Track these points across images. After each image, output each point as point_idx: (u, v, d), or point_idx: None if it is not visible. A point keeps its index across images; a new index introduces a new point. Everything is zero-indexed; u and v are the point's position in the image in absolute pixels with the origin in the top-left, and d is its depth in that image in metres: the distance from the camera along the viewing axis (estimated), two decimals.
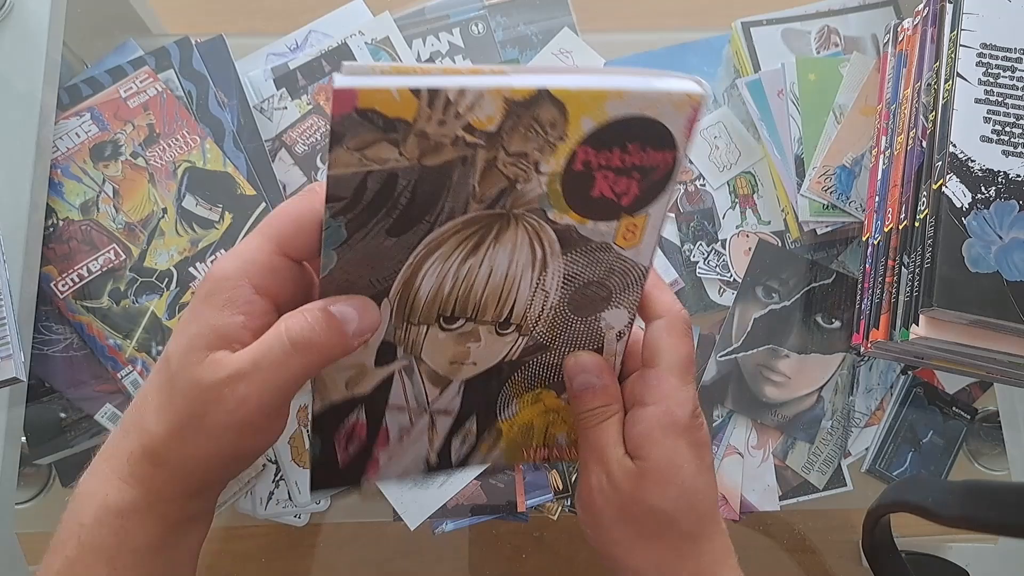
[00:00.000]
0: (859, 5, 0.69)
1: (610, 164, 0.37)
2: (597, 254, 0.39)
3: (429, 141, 0.34)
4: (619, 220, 0.38)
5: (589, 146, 0.36)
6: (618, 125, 0.36)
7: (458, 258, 0.38)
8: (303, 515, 0.60)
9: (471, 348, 0.41)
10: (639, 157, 0.37)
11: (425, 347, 0.40)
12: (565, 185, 0.37)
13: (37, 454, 0.60)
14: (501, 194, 0.36)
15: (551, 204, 0.37)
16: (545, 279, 0.39)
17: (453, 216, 0.37)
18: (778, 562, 0.64)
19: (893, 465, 0.63)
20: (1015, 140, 0.51)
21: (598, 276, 0.40)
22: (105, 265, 0.59)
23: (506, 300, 0.40)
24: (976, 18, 0.53)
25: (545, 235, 0.38)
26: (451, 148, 0.35)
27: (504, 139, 0.35)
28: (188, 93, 0.63)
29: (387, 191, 0.35)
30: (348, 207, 0.34)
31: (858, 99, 0.65)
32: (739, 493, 0.61)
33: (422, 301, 0.38)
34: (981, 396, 0.64)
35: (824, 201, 0.63)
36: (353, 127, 0.32)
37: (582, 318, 0.41)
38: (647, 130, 0.36)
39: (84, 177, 0.61)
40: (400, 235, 0.36)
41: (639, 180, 0.37)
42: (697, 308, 0.64)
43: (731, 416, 0.63)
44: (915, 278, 0.51)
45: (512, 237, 0.38)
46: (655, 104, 0.36)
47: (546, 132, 0.36)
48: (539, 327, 0.40)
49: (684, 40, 0.69)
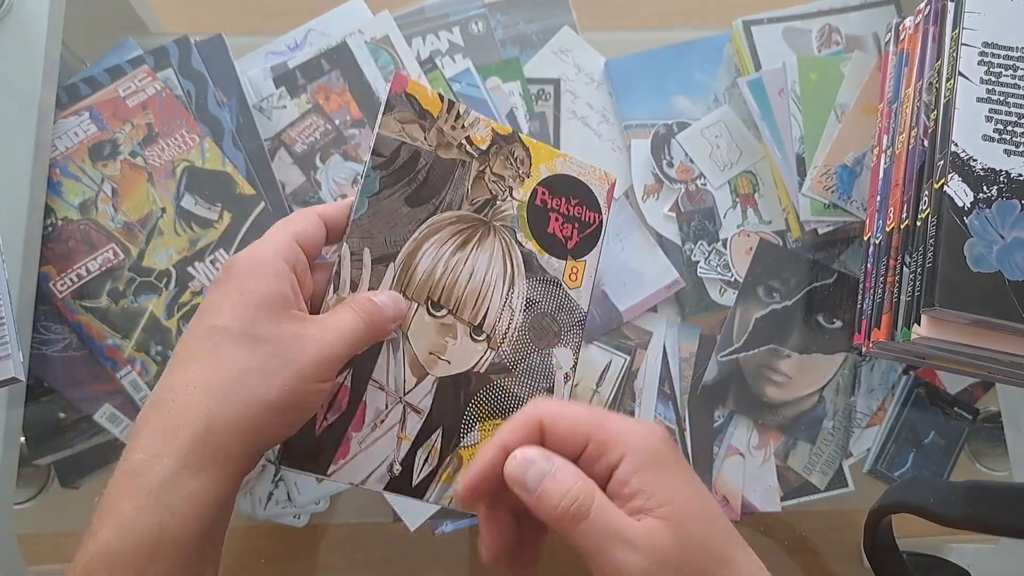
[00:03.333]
0: (860, 4, 0.69)
1: (559, 208, 0.50)
2: (551, 287, 0.49)
3: (444, 137, 0.47)
4: (566, 261, 0.50)
5: (546, 188, 0.50)
6: (564, 179, 0.51)
7: (450, 248, 0.47)
8: (303, 516, 0.60)
9: (448, 344, 0.46)
10: (578, 211, 0.51)
11: (413, 327, 0.46)
12: (529, 214, 0.49)
13: (36, 454, 0.59)
14: (485, 203, 0.48)
15: (519, 227, 0.49)
16: (512, 297, 0.48)
17: (451, 207, 0.47)
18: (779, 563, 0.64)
19: (895, 465, 0.62)
20: (1017, 139, 0.50)
21: (551, 309, 0.49)
22: (104, 265, 0.59)
23: (482, 303, 0.47)
24: (978, 17, 0.53)
25: (515, 254, 0.49)
26: (456, 150, 0.48)
27: (490, 159, 0.49)
28: (187, 92, 0.63)
29: (412, 163, 0.46)
30: (385, 164, 0.45)
31: (859, 98, 0.64)
32: (740, 494, 0.61)
33: (418, 278, 0.46)
34: (983, 396, 0.64)
35: (825, 200, 0.63)
36: (400, 103, 0.46)
37: (539, 349, 0.48)
38: (583, 191, 0.51)
39: (83, 176, 0.61)
40: (414, 206, 0.46)
41: (579, 230, 0.51)
42: (698, 308, 0.64)
43: (732, 416, 0.62)
44: (917, 278, 0.51)
45: (491, 245, 0.48)
46: (587, 173, 0.52)
47: (518, 166, 0.49)
48: (505, 345, 0.47)
49: (685, 39, 0.69)
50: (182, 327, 0.58)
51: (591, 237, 0.51)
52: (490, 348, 0.47)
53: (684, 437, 0.62)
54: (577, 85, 0.68)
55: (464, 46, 0.69)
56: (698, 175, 0.66)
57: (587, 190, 0.51)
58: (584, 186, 0.51)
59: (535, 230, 0.49)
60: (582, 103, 0.68)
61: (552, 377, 0.48)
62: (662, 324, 0.63)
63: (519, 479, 0.35)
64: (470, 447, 0.46)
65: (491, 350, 0.47)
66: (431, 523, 0.59)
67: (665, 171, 0.65)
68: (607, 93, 0.68)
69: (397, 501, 0.59)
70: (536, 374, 0.48)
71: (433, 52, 0.68)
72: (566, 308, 0.49)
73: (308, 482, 0.60)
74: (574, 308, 0.49)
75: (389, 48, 0.67)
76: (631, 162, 0.66)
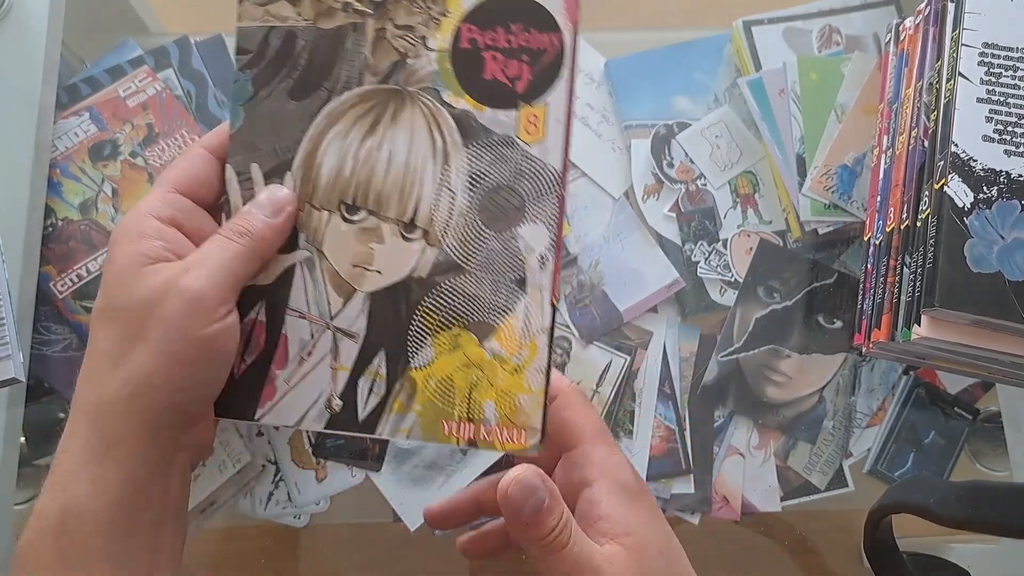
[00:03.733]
0: (861, 4, 0.69)
1: (497, 44, 0.38)
2: (501, 149, 0.38)
3: (322, 4, 0.38)
4: (518, 109, 0.38)
5: (473, 24, 0.38)
6: (498, 3, 0.38)
7: (357, 136, 0.39)
8: (303, 516, 0.60)
9: (375, 250, 0.39)
10: (525, 39, 0.38)
11: (327, 239, 0.39)
12: (455, 64, 0.38)
13: (36, 454, 0.59)
14: (394, 68, 0.38)
15: (444, 84, 0.38)
16: (449, 175, 0.38)
17: (350, 86, 0.39)
18: (779, 563, 0.64)
19: (895, 466, 0.62)
20: (1017, 140, 0.50)
21: (507, 179, 0.38)
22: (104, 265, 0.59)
23: (409, 194, 0.39)
24: (978, 17, 0.53)
25: (443, 121, 0.38)
26: (342, 14, 0.38)
27: (390, 10, 0.38)
28: (187, 92, 0.63)
29: (287, 49, 0.39)
30: (254, 61, 0.39)
31: (860, 98, 0.64)
32: (740, 494, 0.61)
33: (323, 181, 0.39)
34: (983, 396, 0.64)
35: (826, 201, 0.63)
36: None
37: (497, 233, 0.38)
38: (527, 10, 0.38)
39: (83, 177, 0.61)
40: (301, 99, 0.39)
41: (530, 64, 0.38)
42: (698, 308, 0.64)
43: (732, 416, 0.62)
44: (917, 278, 0.51)
45: (409, 118, 0.38)
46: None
47: (428, 7, 0.38)
48: (449, 237, 0.38)
49: (685, 39, 0.69)
50: None
51: (550, 69, 0.38)
52: (429, 245, 0.39)
53: (684, 437, 0.62)
54: (577, 85, 0.68)
55: None
56: (698, 175, 0.66)
57: (533, 5, 0.38)
58: (527, 2, 0.38)
59: (466, 81, 0.38)
60: (582, 103, 0.68)
61: (522, 264, 0.38)
62: (662, 324, 0.64)
63: (518, 506, 0.34)
64: (423, 367, 0.38)
65: (431, 248, 0.39)
66: None
67: (665, 171, 0.66)
68: (607, 93, 0.68)
69: (397, 501, 0.59)
70: (498, 265, 0.38)
71: None
72: (528, 172, 0.38)
73: (308, 482, 0.60)
74: (540, 170, 0.38)
75: None
76: (631, 162, 0.66)
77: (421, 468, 0.60)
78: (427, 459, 0.60)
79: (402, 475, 0.60)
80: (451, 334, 0.38)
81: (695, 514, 0.61)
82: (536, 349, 0.38)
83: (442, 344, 0.38)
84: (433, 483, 0.60)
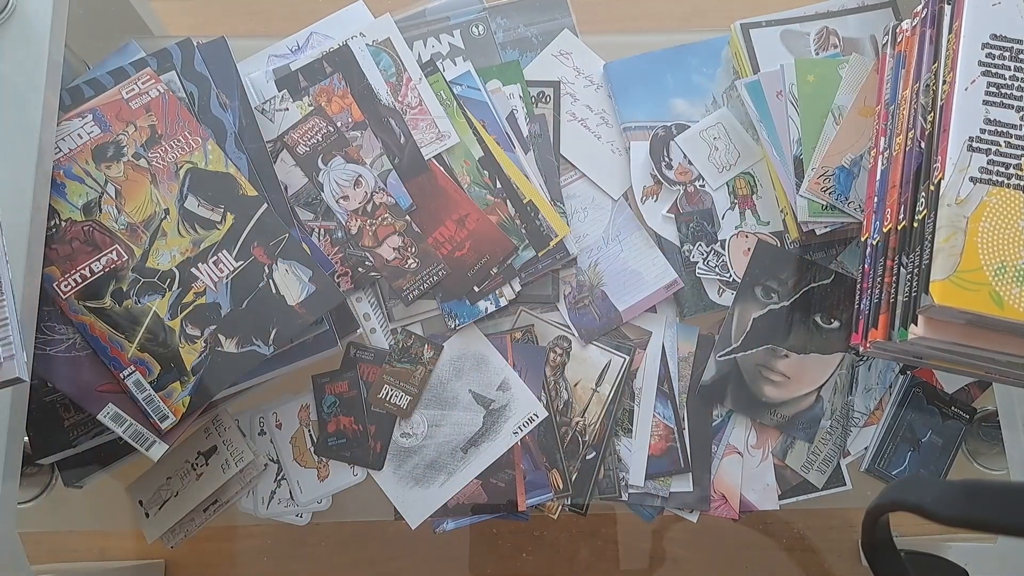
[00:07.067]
0: (858, 7, 0.69)
1: None
2: None
3: None
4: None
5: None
6: None
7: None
8: (304, 514, 0.60)
9: None
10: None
11: None
12: None
13: (39, 454, 0.60)
14: None
15: None
16: None
17: None
18: (777, 561, 0.64)
19: (892, 464, 0.63)
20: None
21: None
22: (107, 266, 0.60)
23: None
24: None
25: None
26: None
27: None
28: (190, 94, 0.63)
29: None
30: None
31: (857, 100, 0.65)
32: (738, 492, 0.61)
33: None
34: (980, 396, 0.65)
35: (823, 202, 0.63)
36: None
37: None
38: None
39: (86, 178, 0.61)
40: None
41: None
42: (696, 308, 0.64)
43: (730, 416, 0.63)
44: (914, 278, 0.51)
45: None
46: None
47: None
48: None
49: (683, 41, 0.69)
50: (186, 327, 0.59)
51: None
52: None
53: (683, 436, 0.62)
54: (577, 87, 0.69)
55: (465, 49, 0.69)
56: (697, 176, 0.66)
57: None
58: None
59: None
60: (582, 105, 0.68)
61: None
62: (661, 324, 0.64)
63: None
64: None
65: None
66: (431, 521, 0.60)
67: (664, 173, 0.66)
68: (606, 95, 0.69)
69: (398, 500, 0.59)
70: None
71: (434, 55, 0.69)
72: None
73: (310, 481, 0.60)
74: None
75: (390, 51, 0.67)
76: (630, 164, 0.66)
77: (422, 467, 0.60)
78: (428, 458, 0.60)
79: (403, 474, 0.60)
80: None
81: (694, 512, 0.61)
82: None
83: None
84: (434, 482, 0.60)
